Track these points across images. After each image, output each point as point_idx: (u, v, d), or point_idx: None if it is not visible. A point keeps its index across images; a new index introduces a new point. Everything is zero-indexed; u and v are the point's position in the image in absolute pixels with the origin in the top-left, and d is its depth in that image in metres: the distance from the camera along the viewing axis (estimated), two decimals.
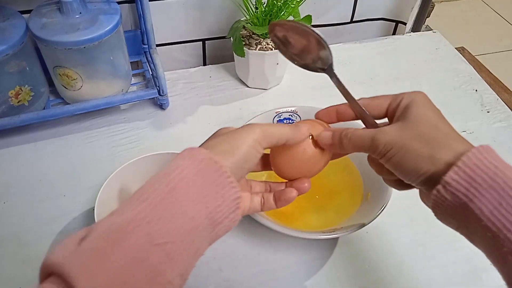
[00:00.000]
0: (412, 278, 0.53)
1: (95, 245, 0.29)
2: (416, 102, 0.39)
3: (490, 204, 0.32)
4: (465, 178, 0.33)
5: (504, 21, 2.14)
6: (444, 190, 0.34)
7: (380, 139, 0.37)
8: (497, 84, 0.81)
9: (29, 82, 0.64)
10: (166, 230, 0.31)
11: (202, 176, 0.34)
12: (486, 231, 0.32)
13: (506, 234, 0.31)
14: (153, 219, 0.31)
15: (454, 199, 0.33)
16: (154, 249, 0.30)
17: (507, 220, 0.31)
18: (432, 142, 0.35)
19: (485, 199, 0.32)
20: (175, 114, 0.71)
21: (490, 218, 0.32)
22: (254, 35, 0.72)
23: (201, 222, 0.33)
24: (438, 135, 0.36)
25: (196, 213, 0.33)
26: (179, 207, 0.32)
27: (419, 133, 0.36)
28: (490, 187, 0.32)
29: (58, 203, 0.59)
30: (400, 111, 0.39)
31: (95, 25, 0.61)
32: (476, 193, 0.32)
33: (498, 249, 0.32)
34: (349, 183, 0.58)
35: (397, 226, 0.58)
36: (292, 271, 0.53)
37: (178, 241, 0.31)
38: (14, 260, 0.53)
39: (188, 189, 0.33)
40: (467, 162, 0.33)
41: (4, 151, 0.65)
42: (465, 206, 0.33)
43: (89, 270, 0.28)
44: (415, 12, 0.87)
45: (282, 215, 0.55)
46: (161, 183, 0.33)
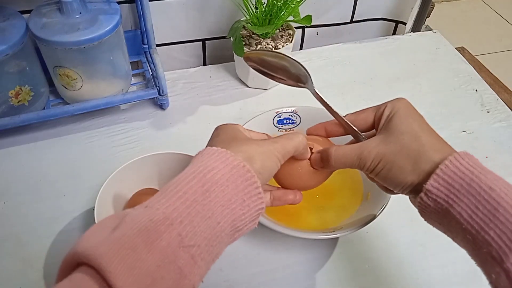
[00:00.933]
0: (412, 278, 0.53)
1: (130, 240, 0.29)
2: (398, 113, 0.40)
3: (468, 208, 0.34)
4: (444, 185, 0.35)
5: (504, 21, 2.14)
6: (426, 198, 0.36)
7: (366, 156, 0.40)
8: (497, 84, 0.81)
9: (29, 82, 0.64)
10: (194, 232, 0.31)
11: (233, 182, 0.34)
12: (466, 234, 0.34)
13: (484, 236, 0.33)
14: (186, 219, 0.31)
15: (436, 205, 0.36)
16: (181, 251, 0.30)
17: (484, 223, 0.33)
18: (414, 155, 0.38)
19: (463, 203, 0.34)
20: (175, 114, 0.71)
21: (469, 221, 0.34)
22: (254, 35, 0.72)
23: (225, 228, 0.33)
24: (419, 147, 0.38)
25: (222, 218, 0.33)
26: (208, 210, 0.32)
27: (402, 147, 0.38)
28: (467, 192, 0.34)
29: (58, 203, 0.59)
30: (383, 121, 0.41)
31: (95, 25, 0.61)
32: (455, 198, 0.34)
33: (479, 250, 0.33)
34: (349, 183, 0.58)
35: (397, 226, 0.58)
36: (292, 271, 0.53)
37: (203, 245, 0.31)
38: (14, 260, 0.53)
39: (219, 193, 0.33)
40: (445, 170, 0.35)
41: (4, 151, 0.65)
42: (447, 211, 0.35)
43: (126, 267, 0.28)
44: (415, 12, 0.87)
45: (282, 215, 0.55)
46: (197, 182, 0.33)
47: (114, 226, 0.30)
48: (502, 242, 0.32)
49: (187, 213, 0.31)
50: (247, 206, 0.34)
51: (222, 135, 0.40)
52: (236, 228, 0.34)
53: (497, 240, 0.32)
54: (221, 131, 0.40)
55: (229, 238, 0.34)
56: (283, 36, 0.73)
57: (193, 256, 0.31)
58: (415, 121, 0.40)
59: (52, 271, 0.52)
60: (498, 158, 0.67)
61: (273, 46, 0.71)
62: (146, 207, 0.32)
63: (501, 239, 0.32)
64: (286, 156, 0.39)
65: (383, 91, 0.76)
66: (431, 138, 0.39)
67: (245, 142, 0.38)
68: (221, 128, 0.41)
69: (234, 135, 0.40)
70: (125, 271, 0.28)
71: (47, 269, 0.52)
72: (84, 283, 0.28)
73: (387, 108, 0.41)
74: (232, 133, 0.40)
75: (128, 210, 0.32)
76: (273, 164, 0.38)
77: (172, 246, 0.30)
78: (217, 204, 0.33)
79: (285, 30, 0.74)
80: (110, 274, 0.27)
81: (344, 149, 0.42)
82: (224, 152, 0.35)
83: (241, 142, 0.38)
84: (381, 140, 0.40)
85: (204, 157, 0.35)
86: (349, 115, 0.44)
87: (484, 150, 0.67)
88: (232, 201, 0.33)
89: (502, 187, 0.34)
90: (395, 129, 0.39)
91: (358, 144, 0.41)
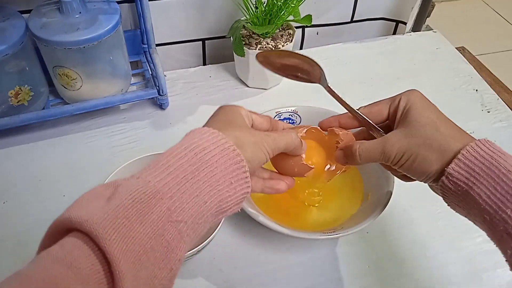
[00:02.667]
0: (412, 278, 0.53)
1: (125, 210, 0.30)
2: (415, 105, 0.42)
3: (487, 190, 0.36)
4: (465, 168, 0.37)
5: (504, 21, 2.14)
6: (447, 180, 0.38)
7: (390, 151, 0.41)
8: (497, 84, 0.81)
9: (29, 82, 0.64)
10: (182, 208, 0.32)
11: (222, 164, 0.34)
12: (484, 214, 0.36)
13: (501, 215, 0.35)
14: (175, 195, 0.32)
15: (457, 188, 0.38)
16: (169, 225, 0.31)
17: (502, 202, 0.35)
18: (437, 145, 0.39)
19: (483, 185, 0.36)
20: (174, 114, 0.71)
21: (487, 201, 0.36)
22: (254, 35, 0.72)
23: (211, 208, 0.34)
24: (441, 138, 0.39)
25: (209, 198, 0.34)
26: (197, 188, 0.33)
27: (424, 138, 0.40)
28: (486, 175, 0.36)
29: (58, 203, 0.59)
30: (399, 114, 0.43)
31: (95, 25, 0.61)
32: (475, 180, 0.36)
33: (496, 228, 0.35)
34: (349, 183, 0.58)
35: (398, 226, 0.58)
36: (292, 272, 0.53)
37: (189, 222, 0.32)
38: (14, 260, 0.53)
39: (208, 173, 0.34)
40: (466, 155, 0.37)
41: (4, 151, 0.65)
42: (467, 193, 0.37)
43: (120, 236, 0.29)
44: (415, 12, 0.87)
45: (282, 215, 0.55)
46: (188, 160, 0.34)
47: (108, 196, 0.31)
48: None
49: (177, 190, 0.32)
50: (233, 188, 0.35)
51: (220, 116, 0.40)
52: (221, 209, 0.35)
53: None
54: (221, 112, 0.41)
55: (213, 218, 0.35)
56: (283, 35, 0.73)
57: (180, 231, 0.31)
58: (432, 112, 0.41)
59: None
60: None
61: (273, 45, 0.71)
62: (138, 178, 0.33)
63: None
64: (276, 151, 0.40)
65: (383, 91, 0.76)
66: (450, 128, 0.40)
67: (240, 128, 0.39)
68: (223, 108, 0.41)
69: (232, 118, 0.40)
70: (119, 239, 0.28)
71: None
72: (76, 248, 0.28)
73: (402, 101, 0.43)
74: (231, 116, 0.40)
75: (120, 181, 0.33)
76: (262, 155, 0.38)
77: (162, 219, 0.31)
78: (205, 183, 0.33)
79: (285, 30, 0.74)
80: (105, 241, 0.28)
81: (368, 145, 0.43)
82: (217, 133, 0.36)
83: (236, 127, 0.38)
84: (402, 133, 0.41)
85: (196, 135, 0.35)
86: (362, 108, 0.45)
87: None
88: (220, 182, 0.34)
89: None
90: (414, 121, 0.41)
91: (380, 139, 0.42)
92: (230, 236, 0.56)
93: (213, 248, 0.54)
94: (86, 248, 0.28)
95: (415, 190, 0.50)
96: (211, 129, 0.36)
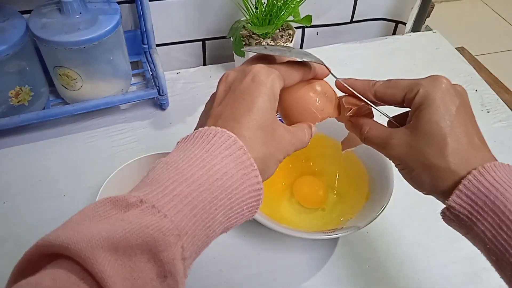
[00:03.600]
0: (412, 279, 0.53)
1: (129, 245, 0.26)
2: (432, 105, 0.36)
3: (492, 228, 0.32)
4: (467, 202, 0.33)
5: (504, 21, 2.14)
6: (449, 213, 0.35)
7: (389, 152, 0.38)
8: (497, 84, 0.81)
9: (29, 82, 0.64)
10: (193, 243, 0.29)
11: (241, 191, 0.31)
12: (491, 254, 0.33)
13: (508, 259, 0.31)
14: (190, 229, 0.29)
15: (460, 221, 0.34)
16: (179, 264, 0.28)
17: (509, 245, 0.31)
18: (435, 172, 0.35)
19: (487, 222, 0.32)
20: (175, 114, 0.71)
21: (493, 241, 0.32)
22: (254, 35, 0.72)
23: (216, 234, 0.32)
24: (441, 163, 0.35)
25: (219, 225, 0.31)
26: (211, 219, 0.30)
27: (425, 156, 0.35)
28: (491, 210, 0.32)
29: (58, 203, 0.59)
30: (413, 110, 0.37)
31: (95, 25, 0.61)
32: (479, 216, 0.33)
33: (503, 271, 0.32)
34: (353, 183, 0.58)
35: (398, 226, 0.58)
36: (292, 272, 0.53)
37: (193, 254, 0.30)
38: (14, 260, 0.53)
39: (226, 201, 0.31)
40: (468, 186, 0.33)
41: (4, 151, 0.65)
42: (470, 228, 0.34)
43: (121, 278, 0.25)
44: (415, 12, 0.87)
45: (282, 216, 0.55)
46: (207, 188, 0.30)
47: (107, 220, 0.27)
48: None
49: (193, 223, 0.29)
50: (242, 215, 0.33)
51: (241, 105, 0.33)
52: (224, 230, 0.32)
53: None
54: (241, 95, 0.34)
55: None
56: (283, 36, 0.73)
57: (185, 268, 0.29)
58: (449, 118, 0.35)
59: None
60: (498, 158, 0.66)
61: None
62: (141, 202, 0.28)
63: None
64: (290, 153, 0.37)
65: None
66: (459, 144, 0.35)
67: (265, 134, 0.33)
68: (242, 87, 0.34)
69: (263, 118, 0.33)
70: (120, 281, 0.25)
71: None
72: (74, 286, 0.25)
73: (419, 96, 0.37)
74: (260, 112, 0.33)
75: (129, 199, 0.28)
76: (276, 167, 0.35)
77: (176, 259, 0.28)
78: (220, 212, 0.31)
79: (285, 30, 0.74)
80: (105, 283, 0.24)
81: (375, 134, 0.39)
82: (242, 151, 0.31)
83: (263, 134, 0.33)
84: (407, 137, 0.37)
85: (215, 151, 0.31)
86: (378, 86, 0.40)
87: None
88: (234, 209, 0.32)
89: None
90: (423, 128, 0.36)
91: (387, 133, 0.38)
92: (230, 236, 0.56)
93: (213, 248, 0.54)
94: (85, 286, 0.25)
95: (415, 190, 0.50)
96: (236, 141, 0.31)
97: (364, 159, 0.57)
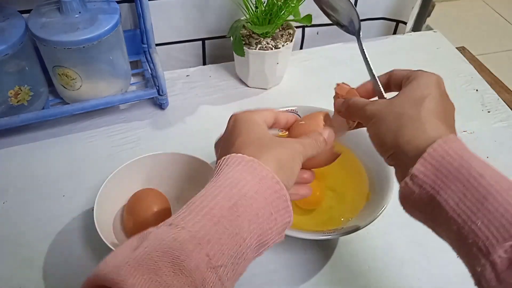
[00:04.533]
0: (412, 278, 0.53)
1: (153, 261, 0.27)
2: (420, 81, 0.38)
3: (456, 196, 0.32)
4: (432, 170, 0.33)
5: (504, 21, 2.14)
6: (411, 183, 0.34)
7: (368, 109, 0.39)
8: (497, 84, 0.81)
9: (29, 82, 0.64)
10: (222, 252, 0.29)
11: (261, 194, 0.32)
12: (452, 224, 0.32)
13: (470, 226, 0.31)
14: (213, 237, 0.29)
15: (421, 191, 0.33)
16: (209, 272, 0.28)
17: (471, 212, 0.31)
18: (404, 120, 0.36)
19: (451, 190, 0.32)
20: (174, 114, 0.71)
21: (455, 209, 0.31)
22: (254, 35, 0.72)
23: (251, 244, 0.31)
24: (413, 115, 0.36)
25: (248, 234, 0.31)
26: (236, 226, 0.30)
27: (399, 109, 0.37)
28: (455, 179, 0.32)
29: (58, 203, 0.59)
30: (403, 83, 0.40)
31: (95, 25, 0.61)
32: (442, 185, 0.32)
33: (464, 241, 0.31)
34: (353, 183, 0.58)
35: (398, 226, 0.57)
36: (292, 272, 0.53)
37: (229, 264, 0.30)
38: (14, 260, 0.53)
39: (247, 207, 0.31)
40: (433, 154, 0.33)
41: (4, 151, 0.65)
42: (432, 198, 0.33)
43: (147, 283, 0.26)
44: (415, 12, 0.86)
45: None
46: (224, 196, 0.31)
47: (136, 247, 0.29)
48: (490, 232, 0.30)
49: (215, 231, 0.29)
50: (274, 220, 0.32)
51: (244, 135, 0.37)
52: (262, 243, 0.32)
53: (484, 230, 0.30)
54: (243, 128, 0.37)
55: (254, 254, 0.32)
56: (283, 35, 0.73)
57: (220, 277, 0.29)
58: (428, 92, 0.37)
59: (52, 271, 0.52)
60: (498, 158, 0.67)
61: (273, 45, 0.71)
62: (170, 225, 0.30)
63: (489, 230, 0.30)
64: (305, 159, 0.38)
65: None
66: (432, 113, 0.36)
67: (271, 145, 0.35)
68: (241, 122, 0.38)
69: (258, 134, 0.37)
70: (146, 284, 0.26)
71: (47, 269, 0.52)
72: None
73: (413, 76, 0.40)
74: (255, 131, 0.37)
75: (151, 229, 0.30)
76: (297, 169, 0.36)
77: (200, 268, 0.28)
78: (244, 219, 0.31)
79: (285, 30, 0.74)
80: None
81: (359, 100, 0.41)
82: (251, 161, 0.33)
83: (267, 145, 0.35)
84: (389, 100, 0.39)
85: (230, 167, 0.33)
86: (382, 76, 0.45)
87: (484, 150, 0.67)
88: (260, 215, 0.31)
89: (492, 174, 0.32)
90: (404, 93, 0.38)
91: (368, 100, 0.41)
92: None
93: None
94: None
95: None
96: (245, 157, 0.33)
97: (364, 160, 0.57)
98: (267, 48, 0.70)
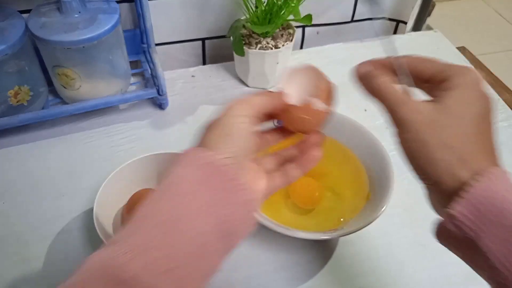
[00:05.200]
0: (413, 279, 0.53)
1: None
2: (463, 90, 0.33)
3: (500, 243, 0.28)
4: (473, 211, 0.29)
5: (505, 21, 2.14)
6: (449, 222, 0.30)
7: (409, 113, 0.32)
8: (497, 84, 0.80)
9: (28, 81, 0.63)
10: (167, 255, 0.28)
11: (205, 183, 0.30)
12: (495, 275, 0.29)
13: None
14: (150, 246, 0.28)
15: (460, 232, 0.30)
16: (161, 278, 0.27)
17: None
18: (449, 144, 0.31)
19: (494, 236, 0.28)
20: (174, 114, 0.71)
21: (500, 259, 0.28)
22: (254, 34, 0.72)
23: (211, 236, 0.30)
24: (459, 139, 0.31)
25: (203, 227, 0.29)
26: (183, 225, 0.29)
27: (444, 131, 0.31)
28: (498, 223, 0.28)
29: (58, 203, 0.59)
30: (440, 91, 0.34)
31: (94, 25, 0.60)
32: (485, 228, 0.28)
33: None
34: (353, 183, 0.58)
35: (398, 226, 0.57)
36: (292, 272, 0.53)
37: (183, 264, 0.28)
38: (14, 260, 0.53)
39: (191, 202, 0.30)
40: (474, 193, 0.29)
41: (3, 151, 0.65)
42: (472, 242, 0.29)
43: None
44: (415, 12, 0.86)
45: (283, 216, 0.55)
46: (162, 199, 0.30)
47: None
48: None
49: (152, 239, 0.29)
50: (230, 203, 0.31)
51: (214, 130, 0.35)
52: (227, 231, 0.30)
53: None
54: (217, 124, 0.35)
55: (223, 245, 0.31)
56: (283, 35, 0.73)
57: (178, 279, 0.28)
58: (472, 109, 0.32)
59: (52, 271, 0.52)
60: None
61: (273, 45, 0.71)
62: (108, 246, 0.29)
63: None
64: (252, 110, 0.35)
65: None
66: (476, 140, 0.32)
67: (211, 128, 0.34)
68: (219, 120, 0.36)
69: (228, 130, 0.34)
70: None
71: (47, 269, 0.52)
72: None
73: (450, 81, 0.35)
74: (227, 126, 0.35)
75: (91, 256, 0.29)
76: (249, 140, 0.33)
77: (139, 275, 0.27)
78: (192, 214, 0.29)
79: (285, 29, 0.74)
80: None
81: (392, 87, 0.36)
82: (189, 152, 0.32)
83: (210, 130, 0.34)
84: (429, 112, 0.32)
85: (175, 167, 0.32)
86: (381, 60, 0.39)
87: None
88: (211, 204, 0.30)
89: None
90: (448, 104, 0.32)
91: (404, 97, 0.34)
92: None
93: None
94: None
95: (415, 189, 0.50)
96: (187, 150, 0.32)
97: (364, 159, 0.57)
98: (267, 48, 0.70)
